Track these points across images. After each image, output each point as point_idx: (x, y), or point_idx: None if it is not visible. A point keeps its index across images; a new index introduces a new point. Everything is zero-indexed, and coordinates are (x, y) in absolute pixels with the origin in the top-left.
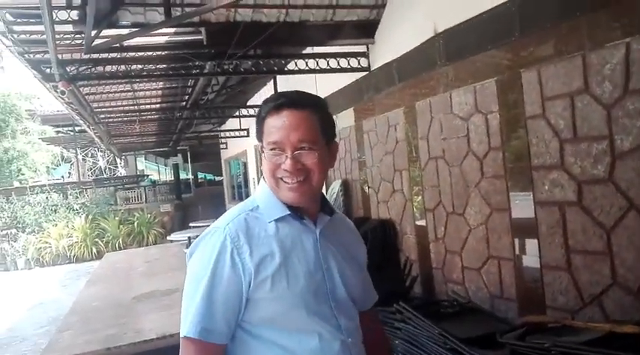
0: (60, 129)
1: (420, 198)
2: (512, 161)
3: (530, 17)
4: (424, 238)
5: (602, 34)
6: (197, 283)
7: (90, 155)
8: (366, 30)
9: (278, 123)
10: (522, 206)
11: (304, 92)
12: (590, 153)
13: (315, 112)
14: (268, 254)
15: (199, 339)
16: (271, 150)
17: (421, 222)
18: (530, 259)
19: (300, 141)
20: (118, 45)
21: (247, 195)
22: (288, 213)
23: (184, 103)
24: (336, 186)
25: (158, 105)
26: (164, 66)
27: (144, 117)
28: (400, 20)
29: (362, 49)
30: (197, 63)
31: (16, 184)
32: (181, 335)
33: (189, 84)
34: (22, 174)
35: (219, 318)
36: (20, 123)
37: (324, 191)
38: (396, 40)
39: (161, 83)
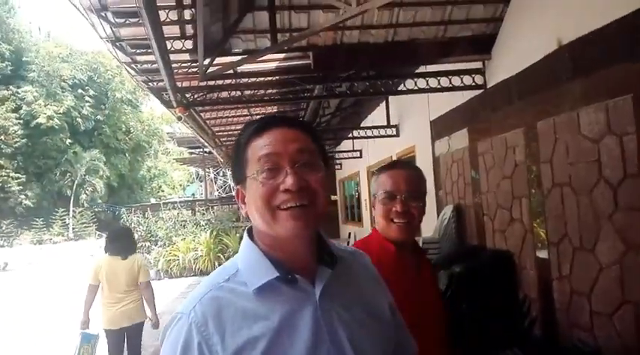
0: (193, 150)
1: (542, 229)
2: None
3: None
4: (546, 275)
5: None
6: None
7: (222, 174)
8: (482, 45)
9: (268, 140)
10: None
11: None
12: None
13: (307, 132)
14: (247, 342)
15: None
16: (263, 171)
17: (543, 256)
18: None
19: (300, 151)
20: (231, 71)
21: (360, 217)
22: (276, 275)
23: None
24: (447, 212)
25: None
26: (275, 91)
27: None
28: (520, 33)
29: (477, 65)
30: (306, 86)
31: (152, 201)
32: None
33: (301, 107)
34: (162, 191)
35: None
36: (162, 145)
37: (434, 214)
38: (515, 54)
39: (275, 107)
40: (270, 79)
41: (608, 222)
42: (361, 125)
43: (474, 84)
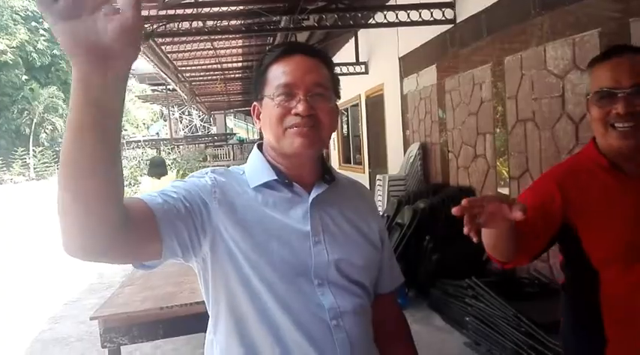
0: (156, 87)
1: (504, 164)
2: None
3: None
4: None
5: None
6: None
7: (187, 113)
8: None
9: (289, 67)
10: None
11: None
12: None
13: (326, 64)
14: (241, 208)
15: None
16: (279, 95)
17: (505, 191)
18: None
19: (316, 84)
20: (191, 0)
21: (328, 157)
22: (275, 178)
23: None
24: (413, 149)
25: (240, 64)
26: (239, 22)
27: (227, 76)
28: None
29: None
30: (272, 18)
31: None
32: None
33: (267, 42)
34: (125, 130)
35: (169, 194)
36: None
37: (401, 152)
38: None
39: (240, 41)
40: (233, 9)
41: (568, 155)
42: None
43: (443, 18)
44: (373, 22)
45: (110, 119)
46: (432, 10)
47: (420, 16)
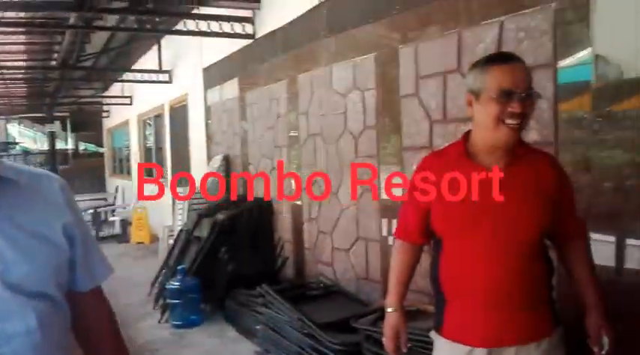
0: None
1: (298, 176)
2: (385, 141)
3: None
4: (299, 218)
5: (478, 11)
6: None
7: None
8: None
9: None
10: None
11: None
12: (457, 136)
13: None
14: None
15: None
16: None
17: (297, 201)
18: None
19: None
20: None
21: (129, 170)
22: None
23: (54, 62)
24: (217, 161)
25: (24, 63)
26: (16, 15)
27: (6, 76)
28: None
29: (248, 13)
30: (56, 14)
31: None
32: None
33: (57, 40)
34: None
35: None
36: None
37: (204, 165)
38: (281, 6)
39: (23, 37)
40: None
41: (349, 168)
42: (132, 68)
43: (244, 32)
44: (181, 28)
45: None
46: (232, 23)
47: (221, 28)
